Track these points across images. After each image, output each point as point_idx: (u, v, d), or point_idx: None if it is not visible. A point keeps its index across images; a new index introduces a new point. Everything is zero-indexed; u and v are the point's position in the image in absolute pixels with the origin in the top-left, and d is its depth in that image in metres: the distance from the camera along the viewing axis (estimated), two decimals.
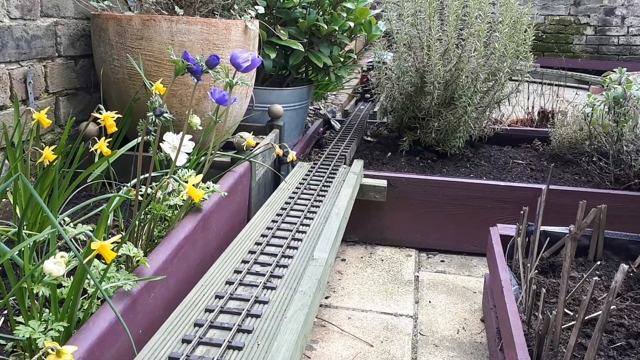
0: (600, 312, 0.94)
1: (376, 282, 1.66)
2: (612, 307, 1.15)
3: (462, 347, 1.36)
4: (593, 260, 1.39)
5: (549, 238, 1.38)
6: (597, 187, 1.90)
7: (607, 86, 1.95)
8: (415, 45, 2.06)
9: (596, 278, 0.94)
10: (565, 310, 1.13)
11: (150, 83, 1.22)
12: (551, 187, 1.73)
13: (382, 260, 1.81)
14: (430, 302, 1.57)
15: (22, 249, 0.87)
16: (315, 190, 1.63)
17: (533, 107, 2.88)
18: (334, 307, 1.52)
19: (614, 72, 1.96)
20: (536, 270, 1.28)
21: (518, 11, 2.05)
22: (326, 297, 1.56)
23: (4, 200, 1.30)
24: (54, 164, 1.14)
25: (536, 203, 1.33)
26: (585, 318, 0.96)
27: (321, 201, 1.56)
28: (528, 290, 1.10)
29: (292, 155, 1.55)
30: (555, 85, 3.13)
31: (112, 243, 0.78)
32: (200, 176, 1.07)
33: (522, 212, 1.33)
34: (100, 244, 0.76)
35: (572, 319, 1.12)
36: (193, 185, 1.01)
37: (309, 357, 1.29)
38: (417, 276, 1.72)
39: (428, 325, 1.45)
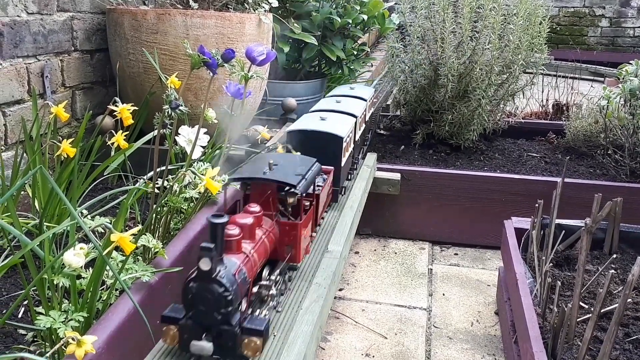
0: (616, 305, 0.94)
1: (390, 275, 1.66)
2: (628, 300, 1.14)
3: (476, 339, 1.36)
4: (608, 253, 1.39)
5: (563, 231, 1.38)
6: (613, 180, 1.89)
7: (623, 78, 1.93)
8: (429, 38, 2.05)
9: (612, 271, 0.94)
10: (580, 303, 1.13)
11: (166, 77, 1.22)
12: (566, 180, 1.72)
13: (396, 253, 1.81)
14: (444, 294, 1.57)
15: (43, 240, 0.88)
16: None
17: (547, 100, 2.86)
18: (348, 299, 1.52)
19: (630, 64, 1.94)
20: (551, 264, 1.28)
21: (532, 3, 2.03)
22: (340, 290, 1.57)
23: (22, 192, 1.32)
24: (73, 157, 1.15)
25: (550, 196, 1.33)
26: (601, 311, 0.96)
27: None
28: (543, 283, 1.10)
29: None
30: (570, 77, 3.11)
31: (131, 235, 0.80)
32: (217, 169, 1.08)
33: (537, 205, 1.33)
34: (119, 236, 0.78)
35: (587, 312, 1.12)
36: (210, 178, 1.02)
37: (324, 349, 1.30)
38: (431, 269, 1.72)
39: (442, 318, 1.45)
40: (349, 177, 1.58)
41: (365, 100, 1.72)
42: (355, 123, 1.55)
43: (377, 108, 2.60)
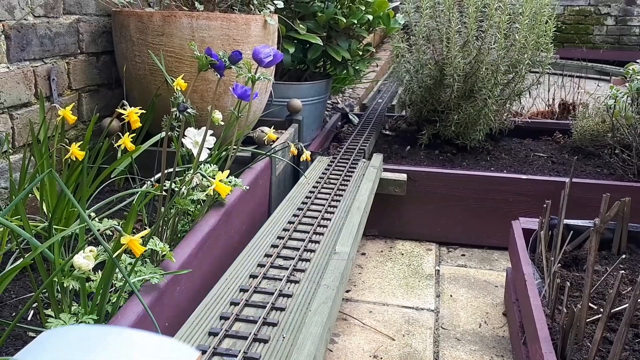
0: (625, 305, 0.94)
1: (397, 276, 1.66)
2: (638, 300, 1.14)
3: (484, 340, 1.36)
4: (617, 253, 1.38)
5: (571, 231, 1.37)
6: (620, 179, 1.88)
7: (630, 77, 1.92)
8: (434, 38, 2.05)
9: (622, 271, 0.93)
10: (590, 304, 1.12)
11: (172, 79, 1.23)
12: (574, 180, 1.71)
13: (402, 254, 1.81)
14: (451, 296, 1.56)
15: (52, 243, 0.88)
16: (335, 184, 1.64)
17: (554, 99, 2.85)
18: (355, 300, 1.52)
19: (637, 62, 1.93)
20: (559, 264, 1.28)
21: (538, 2, 2.02)
22: (347, 291, 1.56)
23: (29, 195, 1.32)
24: (82, 160, 1.16)
25: (557, 196, 1.32)
26: (611, 312, 0.95)
27: (341, 195, 1.56)
28: (552, 283, 1.10)
29: (306, 154, 1.54)
30: (576, 76, 3.10)
31: (140, 237, 0.80)
32: (227, 172, 1.08)
33: (544, 205, 1.32)
34: (130, 239, 0.78)
35: (597, 313, 1.11)
36: (220, 180, 1.02)
37: (331, 351, 1.30)
38: (438, 270, 1.72)
39: (449, 319, 1.45)
40: None
41: None
42: None
43: (381, 109, 2.59)
